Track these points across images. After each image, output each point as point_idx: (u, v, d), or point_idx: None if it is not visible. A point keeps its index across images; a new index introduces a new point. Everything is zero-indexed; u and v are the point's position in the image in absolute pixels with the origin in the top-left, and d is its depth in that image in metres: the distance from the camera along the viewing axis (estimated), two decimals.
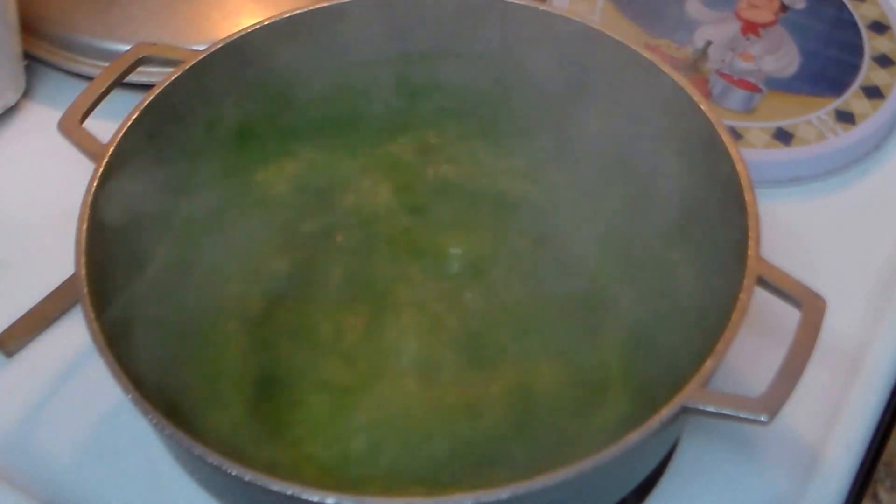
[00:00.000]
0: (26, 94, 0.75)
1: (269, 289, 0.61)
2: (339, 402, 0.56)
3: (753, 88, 0.73)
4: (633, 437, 0.46)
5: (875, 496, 0.58)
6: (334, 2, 0.63)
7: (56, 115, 0.57)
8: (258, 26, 0.62)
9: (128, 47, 0.61)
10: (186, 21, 0.75)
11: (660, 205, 0.61)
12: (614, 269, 0.60)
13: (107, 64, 0.60)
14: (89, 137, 0.56)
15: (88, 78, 0.59)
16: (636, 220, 0.62)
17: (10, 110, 0.74)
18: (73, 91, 0.59)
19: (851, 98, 0.72)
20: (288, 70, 0.64)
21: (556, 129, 0.65)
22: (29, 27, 0.76)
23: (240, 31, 0.61)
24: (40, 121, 0.58)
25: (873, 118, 0.71)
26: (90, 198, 0.54)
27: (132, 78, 0.60)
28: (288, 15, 0.62)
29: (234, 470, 0.45)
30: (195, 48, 0.61)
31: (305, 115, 0.66)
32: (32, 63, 0.76)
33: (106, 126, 0.57)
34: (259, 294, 0.60)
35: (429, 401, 0.56)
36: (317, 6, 0.63)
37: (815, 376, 0.49)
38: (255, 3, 0.76)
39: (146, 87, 0.59)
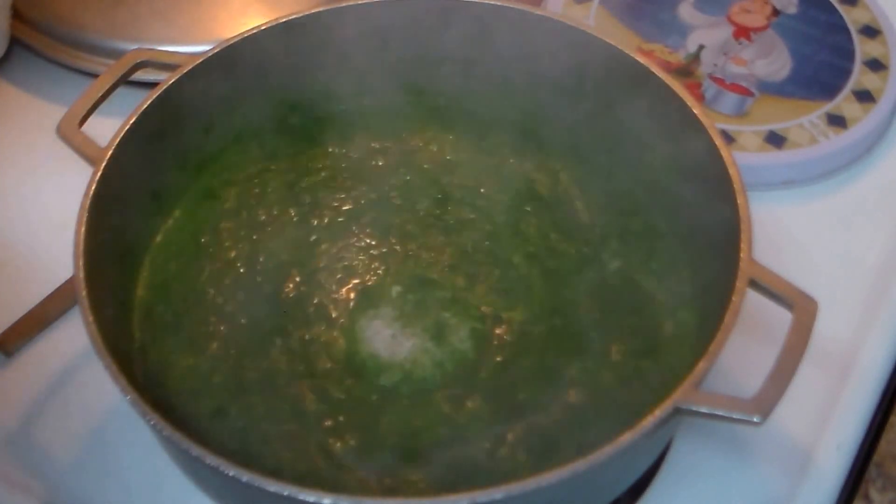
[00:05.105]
0: (31, 92, 0.76)
1: (266, 283, 0.61)
2: None
3: (746, 92, 0.73)
4: (627, 437, 0.46)
5: (866, 496, 0.58)
6: (332, 6, 0.63)
7: (62, 112, 0.58)
8: (255, 31, 0.62)
9: (135, 46, 0.61)
10: (192, 20, 0.76)
11: (652, 207, 0.62)
12: (607, 269, 0.61)
13: (113, 62, 0.60)
14: (88, 141, 0.57)
15: (96, 76, 0.59)
16: (630, 221, 0.62)
17: (13, 107, 0.75)
18: (80, 89, 0.59)
19: (843, 102, 0.72)
20: (286, 73, 0.65)
21: (550, 132, 0.66)
22: (34, 24, 0.77)
23: (237, 35, 0.62)
24: (46, 119, 0.58)
25: (864, 122, 0.71)
26: (88, 201, 0.54)
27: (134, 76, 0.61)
28: (285, 19, 0.63)
29: (232, 471, 0.46)
30: (201, 48, 0.61)
31: (304, 117, 0.66)
32: (38, 60, 0.77)
33: (106, 123, 0.57)
34: (257, 289, 0.61)
35: None
36: (314, 10, 0.63)
37: (806, 378, 0.50)
38: (261, 3, 0.76)
39: (148, 84, 0.60)
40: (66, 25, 0.76)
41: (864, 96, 0.73)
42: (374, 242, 0.62)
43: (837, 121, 0.71)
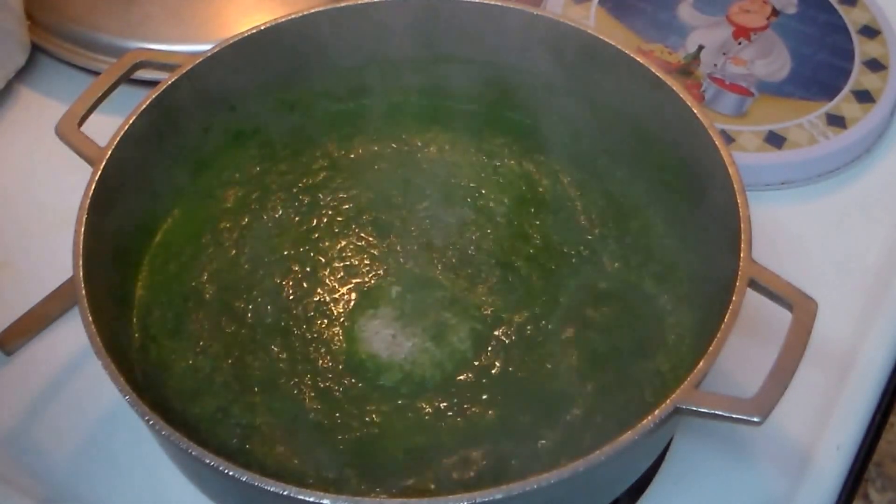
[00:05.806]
0: (43, 92, 0.76)
1: (266, 283, 0.61)
2: None
3: (745, 92, 0.73)
4: (627, 437, 0.46)
5: (866, 496, 0.58)
6: (332, 6, 0.64)
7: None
8: (255, 30, 0.62)
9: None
10: (204, 19, 0.76)
11: (651, 208, 0.62)
12: (607, 270, 0.61)
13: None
14: (87, 141, 0.57)
15: None
16: (629, 222, 0.62)
17: (25, 105, 0.75)
18: None
19: (842, 102, 0.72)
20: (286, 73, 0.65)
21: (550, 132, 0.66)
22: (48, 27, 0.77)
23: (237, 35, 0.62)
24: (54, 120, 0.58)
25: (864, 122, 0.71)
26: (87, 201, 0.54)
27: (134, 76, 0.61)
28: (284, 19, 0.63)
29: (232, 471, 0.46)
30: (208, 46, 0.61)
31: (304, 117, 0.66)
32: (50, 61, 0.77)
33: (106, 123, 0.57)
34: (257, 289, 0.61)
35: None
36: (314, 10, 0.63)
37: (806, 378, 0.50)
38: (271, 1, 0.76)
39: (148, 84, 0.60)
40: (80, 27, 0.76)
41: (864, 96, 0.73)
42: (374, 242, 0.62)
43: (837, 121, 0.71)
